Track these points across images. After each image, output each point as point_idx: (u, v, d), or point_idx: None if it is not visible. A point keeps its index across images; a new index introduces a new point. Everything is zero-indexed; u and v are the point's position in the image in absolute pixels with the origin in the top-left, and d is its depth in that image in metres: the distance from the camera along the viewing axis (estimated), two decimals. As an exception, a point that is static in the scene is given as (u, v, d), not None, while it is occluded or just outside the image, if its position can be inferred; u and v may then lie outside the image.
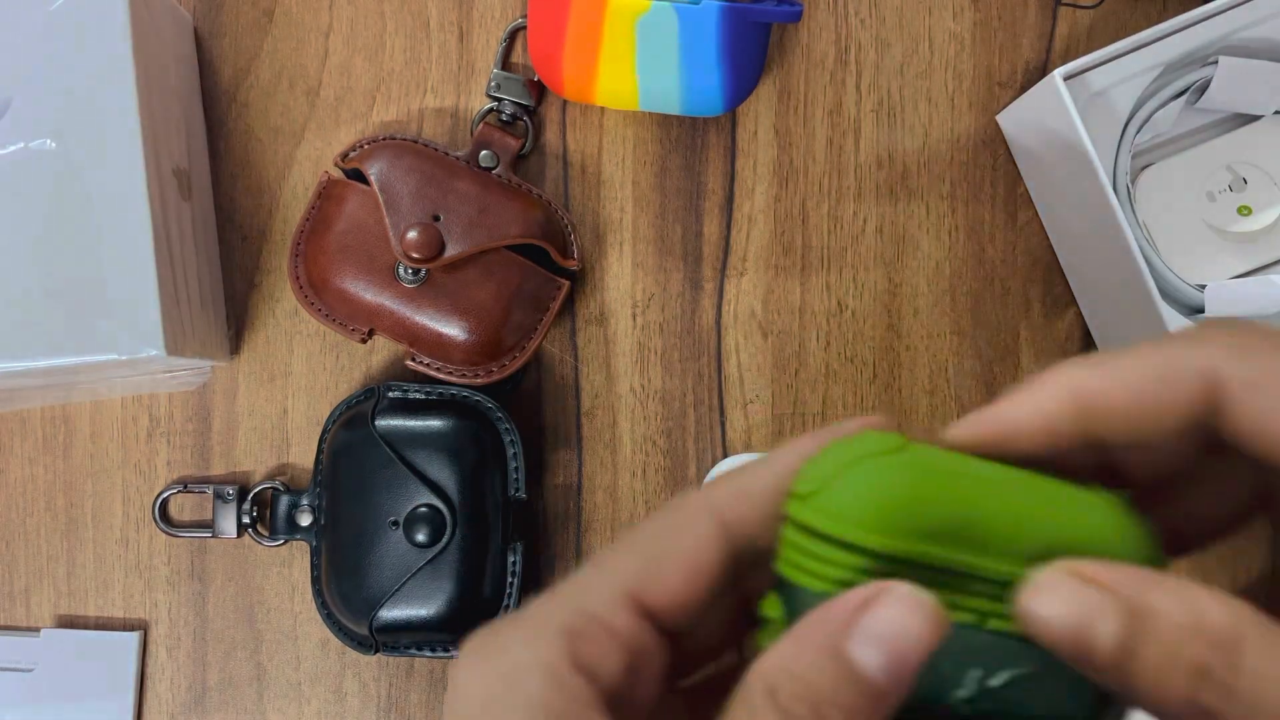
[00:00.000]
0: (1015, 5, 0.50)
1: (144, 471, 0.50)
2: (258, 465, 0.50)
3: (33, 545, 0.50)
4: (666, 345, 0.50)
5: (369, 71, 0.50)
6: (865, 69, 0.50)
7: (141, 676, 0.49)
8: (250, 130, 0.50)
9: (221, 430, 0.50)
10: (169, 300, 0.43)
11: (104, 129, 0.43)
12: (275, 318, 0.50)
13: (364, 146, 0.48)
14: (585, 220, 0.50)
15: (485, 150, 0.48)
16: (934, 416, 0.49)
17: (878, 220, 0.50)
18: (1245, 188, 0.48)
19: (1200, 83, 0.46)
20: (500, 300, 0.47)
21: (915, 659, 0.20)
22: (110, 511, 0.50)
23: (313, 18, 0.50)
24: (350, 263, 0.47)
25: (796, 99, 0.50)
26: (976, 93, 0.50)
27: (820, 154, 0.50)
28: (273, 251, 0.50)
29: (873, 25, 0.50)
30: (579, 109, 0.50)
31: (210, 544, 0.50)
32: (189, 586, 0.50)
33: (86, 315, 0.42)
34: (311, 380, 0.50)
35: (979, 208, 0.50)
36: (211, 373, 0.50)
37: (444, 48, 0.50)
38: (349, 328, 0.47)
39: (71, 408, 0.50)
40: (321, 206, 0.48)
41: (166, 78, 0.46)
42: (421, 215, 0.46)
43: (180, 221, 0.46)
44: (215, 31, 0.51)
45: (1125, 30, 0.49)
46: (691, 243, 0.50)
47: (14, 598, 0.50)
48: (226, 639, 0.49)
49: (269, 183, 0.50)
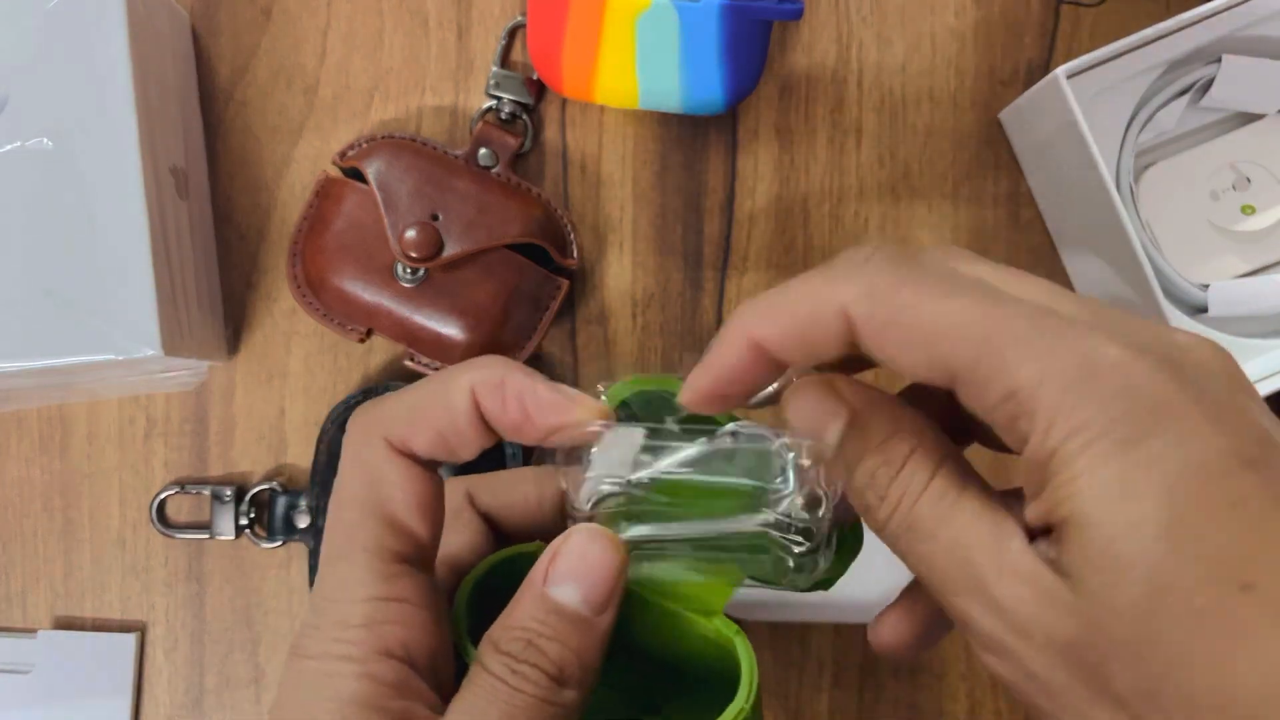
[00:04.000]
0: (1017, 3, 0.50)
1: (141, 472, 0.50)
2: (255, 466, 0.50)
3: (29, 546, 0.50)
4: (667, 345, 0.50)
5: (367, 70, 0.50)
6: (867, 67, 0.50)
7: (139, 678, 0.49)
8: (248, 129, 0.50)
9: (219, 431, 0.50)
10: (166, 300, 0.43)
11: (101, 128, 0.42)
12: (273, 317, 0.50)
13: (362, 145, 0.47)
14: (585, 219, 0.50)
15: (484, 149, 0.48)
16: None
17: (879, 219, 0.50)
18: (1249, 187, 0.47)
19: (1203, 81, 0.46)
20: (499, 300, 0.46)
21: (608, 586, 0.25)
22: (107, 512, 0.50)
23: (311, 15, 0.50)
24: (348, 262, 0.46)
25: (798, 97, 0.50)
26: (978, 91, 0.50)
27: (822, 152, 0.50)
28: (270, 251, 0.50)
29: (874, 23, 0.50)
30: (578, 107, 0.50)
31: (208, 545, 0.49)
32: (186, 588, 0.49)
33: (83, 315, 0.42)
34: (309, 380, 0.50)
35: (981, 207, 0.50)
36: (209, 373, 0.50)
37: (443, 46, 0.50)
38: (347, 327, 0.47)
39: (68, 408, 0.50)
40: (319, 205, 0.48)
41: (164, 76, 0.46)
42: (420, 214, 0.45)
43: (177, 220, 0.46)
44: (213, 29, 0.50)
45: (1128, 28, 0.49)
46: (692, 242, 0.50)
47: (10, 599, 0.49)
48: (224, 640, 0.49)
49: (267, 181, 0.50)
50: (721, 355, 0.26)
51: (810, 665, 0.49)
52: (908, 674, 0.49)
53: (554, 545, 0.26)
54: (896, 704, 0.49)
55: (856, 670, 0.49)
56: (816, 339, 0.25)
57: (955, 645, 0.49)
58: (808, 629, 0.49)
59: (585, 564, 0.25)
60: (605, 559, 0.25)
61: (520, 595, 0.26)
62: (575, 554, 0.25)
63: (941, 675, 0.49)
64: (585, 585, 0.25)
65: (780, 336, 0.25)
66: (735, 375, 0.26)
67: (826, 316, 0.24)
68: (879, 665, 0.49)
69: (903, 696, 0.49)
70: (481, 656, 0.25)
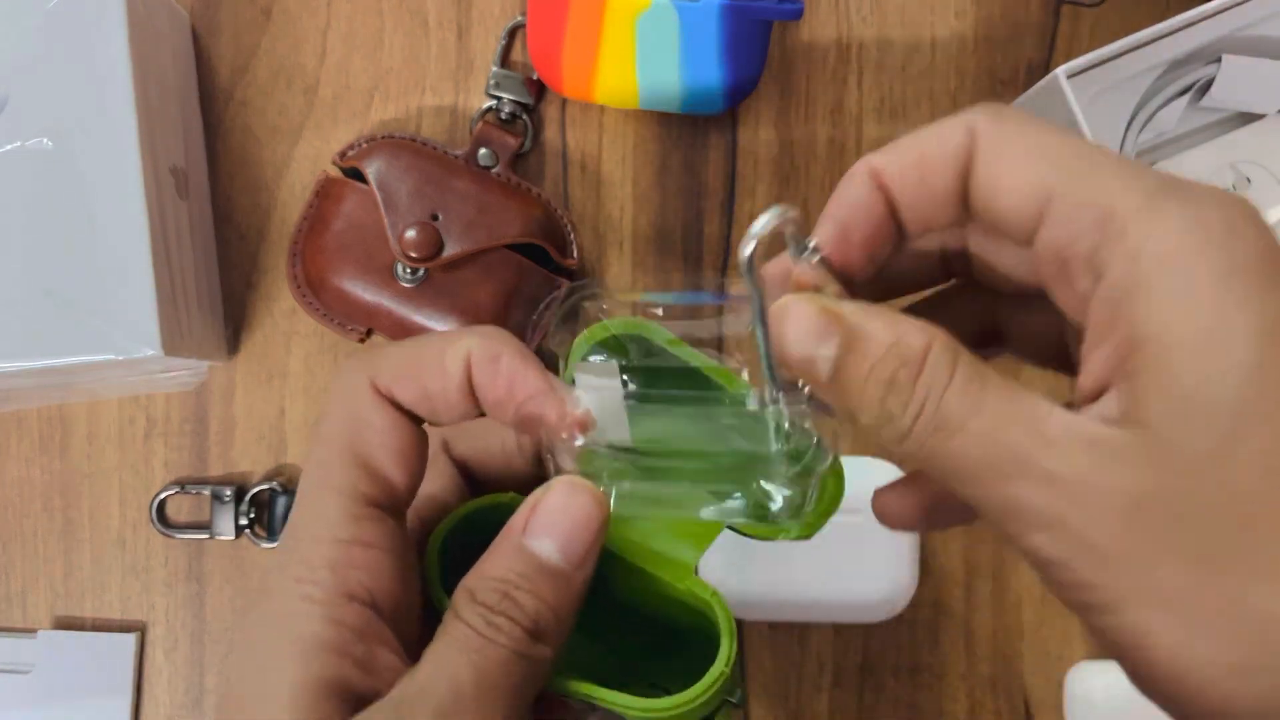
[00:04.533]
0: (1018, 4, 0.50)
1: (141, 472, 0.50)
2: (255, 466, 0.50)
3: (29, 546, 0.50)
4: (667, 345, 0.50)
5: (367, 70, 0.50)
6: (867, 67, 0.50)
7: (139, 678, 0.49)
8: (248, 129, 0.50)
9: (219, 431, 0.50)
10: (166, 300, 0.43)
11: (101, 128, 0.42)
12: (273, 317, 0.50)
13: (362, 145, 0.47)
14: (585, 219, 0.50)
15: (484, 149, 0.48)
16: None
17: (879, 219, 0.50)
18: (1249, 187, 0.47)
19: (1203, 81, 0.46)
20: (499, 300, 0.46)
21: (588, 540, 0.25)
22: (107, 513, 0.50)
23: (311, 15, 0.50)
24: (348, 262, 0.46)
25: (798, 97, 0.50)
26: (979, 91, 0.50)
27: (822, 153, 0.50)
28: (270, 251, 0.50)
29: (875, 23, 0.50)
30: (578, 107, 0.50)
31: (208, 545, 0.49)
32: (186, 588, 0.49)
33: (83, 315, 0.42)
34: (309, 380, 0.50)
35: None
36: (209, 373, 0.50)
37: (443, 45, 0.50)
38: (347, 327, 0.47)
39: (68, 408, 0.50)
40: (319, 205, 0.48)
41: (164, 76, 0.46)
42: (420, 214, 0.45)
43: (177, 220, 0.46)
44: (213, 29, 0.50)
45: (1128, 28, 0.49)
46: (692, 242, 0.50)
47: (10, 599, 0.49)
48: (224, 640, 0.49)
49: (267, 181, 0.50)
50: (841, 192, 0.26)
51: (810, 665, 0.49)
52: (908, 674, 0.49)
53: (534, 496, 0.26)
54: (896, 704, 0.49)
55: (856, 670, 0.49)
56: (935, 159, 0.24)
57: (955, 645, 0.49)
58: (808, 629, 0.49)
59: (566, 517, 0.25)
60: (586, 513, 0.25)
61: (498, 545, 0.25)
62: (556, 507, 0.25)
63: (941, 675, 0.49)
64: (564, 539, 0.25)
65: (899, 163, 0.25)
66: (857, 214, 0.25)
67: (950, 137, 0.24)
68: (879, 665, 0.49)
69: (903, 696, 0.49)
70: (457, 605, 0.25)
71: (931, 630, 0.49)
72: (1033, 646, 0.49)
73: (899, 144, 0.25)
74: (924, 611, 0.49)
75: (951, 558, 0.49)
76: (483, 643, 0.24)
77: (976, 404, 0.23)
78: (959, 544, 0.49)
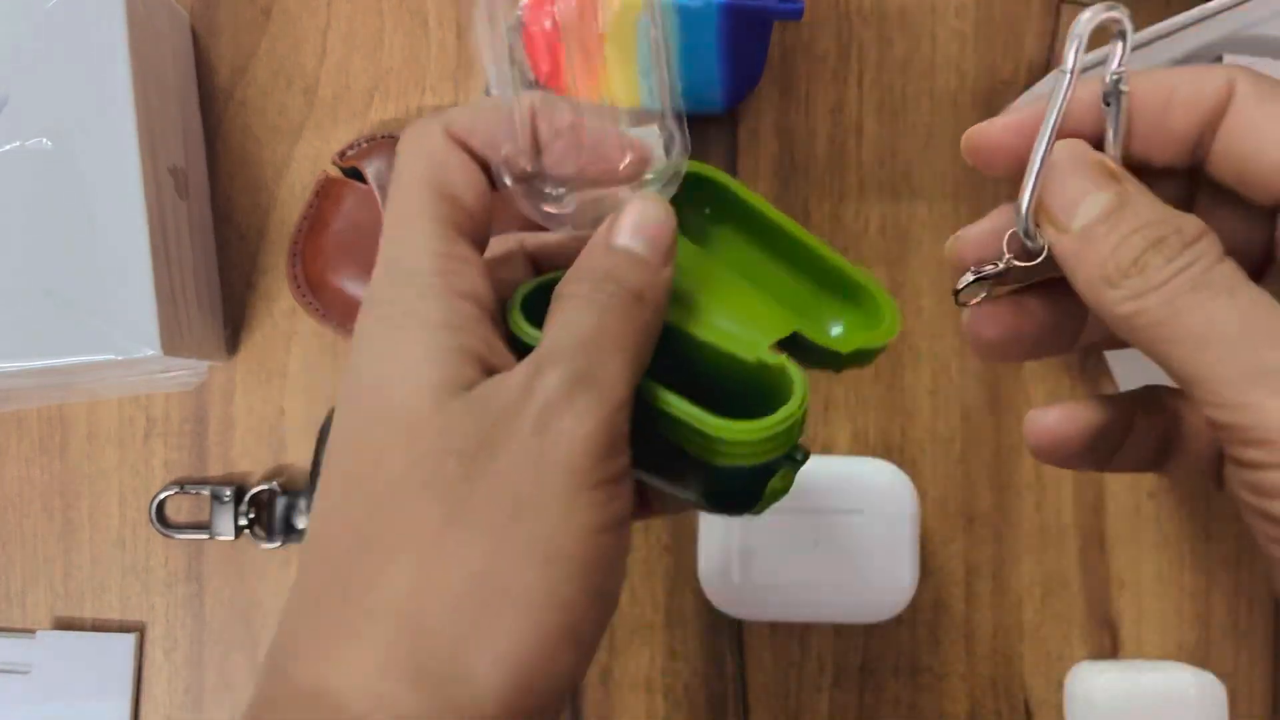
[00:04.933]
0: (1018, 3, 0.50)
1: (141, 472, 0.50)
2: (255, 466, 0.50)
3: (29, 546, 0.50)
4: (667, 345, 0.50)
5: (367, 69, 0.50)
6: (867, 66, 0.50)
7: (138, 678, 0.49)
8: (248, 129, 0.50)
9: (218, 431, 0.50)
10: (165, 300, 0.43)
11: (100, 128, 0.42)
12: (272, 317, 0.50)
13: (362, 145, 0.47)
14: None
15: (484, 149, 0.48)
16: (936, 416, 0.49)
17: (880, 219, 0.50)
18: (1249, 186, 0.47)
19: (1204, 81, 0.46)
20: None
21: (667, 239, 0.27)
22: (107, 513, 0.50)
23: (311, 15, 0.50)
24: (348, 262, 0.46)
25: (798, 97, 0.50)
26: (979, 91, 0.50)
27: (822, 152, 0.50)
28: (270, 251, 0.50)
29: (875, 23, 0.50)
30: (579, 107, 0.50)
31: (207, 545, 0.49)
32: (186, 588, 0.49)
33: (83, 315, 0.42)
34: (309, 381, 0.50)
35: (982, 206, 0.50)
36: (208, 373, 0.50)
37: (442, 45, 0.50)
38: (347, 328, 0.47)
39: (68, 408, 0.50)
40: (319, 205, 0.48)
41: (163, 76, 0.46)
42: (420, 214, 0.45)
43: (177, 220, 0.46)
44: (212, 29, 0.50)
45: (1128, 28, 0.49)
46: (692, 242, 0.50)
47: (10, 599, 0.49)
48: (224, 641, 0.49)
49: (266, 181, 0.50)
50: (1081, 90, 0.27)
51: (810, 665, 0.49)
52: (908, 674, 0.49)
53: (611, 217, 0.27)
54: (896, 704, 0.49)
55: (856, 670, 0.49)
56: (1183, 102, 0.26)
57: (955, 645, 0.49)
58: (808, 629, 0.49)
59: (646, 219, 0.27)
60: (663, 218, 0.27)
61: (588, 249, 0.27)
62: (636, 212, 0.27)
63: (942, 675, 0.49)
64: (648, 236, 0.27)
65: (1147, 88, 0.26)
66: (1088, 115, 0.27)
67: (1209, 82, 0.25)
68: (879, 665, 0.49)
69: (903, 696, 0.49)
70: (563, 290, 0.26)
71: (931, 630, 0.49)
72: (1033, 646, 0.49)
73: (1150, 73, 0.26)
74: (924, 611, 0.49)
75: (951, 558, 0.49)
76: (601, 300, 0.25)
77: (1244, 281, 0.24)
78: (959, 544, 0.49)
